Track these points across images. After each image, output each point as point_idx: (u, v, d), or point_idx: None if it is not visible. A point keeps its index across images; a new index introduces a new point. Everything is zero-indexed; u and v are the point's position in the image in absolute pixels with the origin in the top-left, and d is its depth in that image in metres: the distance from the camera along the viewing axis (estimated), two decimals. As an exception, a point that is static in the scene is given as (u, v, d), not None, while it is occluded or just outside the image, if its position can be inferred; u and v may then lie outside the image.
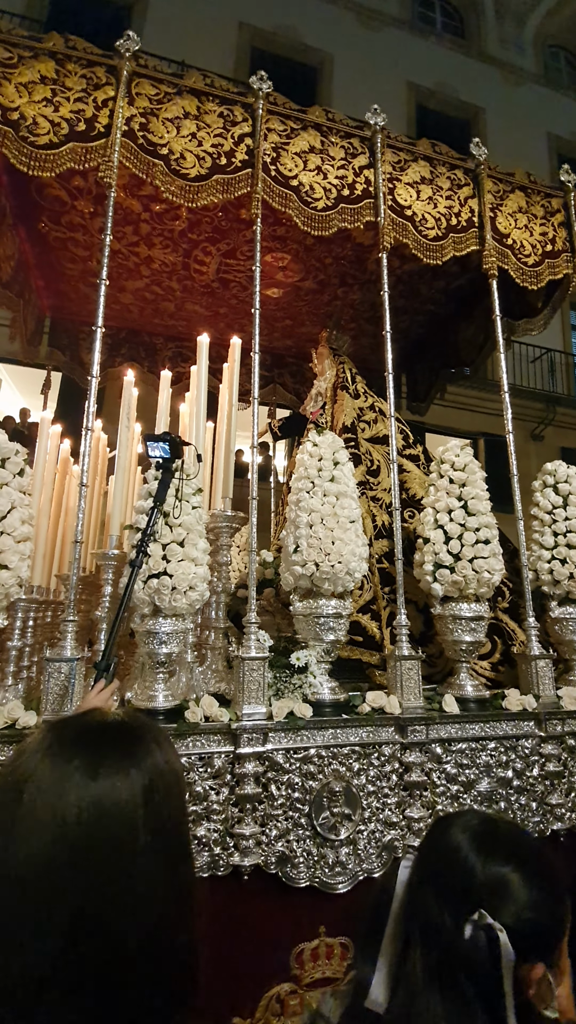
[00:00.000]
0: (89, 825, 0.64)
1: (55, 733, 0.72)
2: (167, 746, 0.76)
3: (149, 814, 0.67)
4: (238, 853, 1.94)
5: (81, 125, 2.39)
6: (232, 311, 4.04)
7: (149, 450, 2.03)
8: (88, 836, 0.64)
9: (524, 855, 0.88)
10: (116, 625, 1.81)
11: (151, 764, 0.71)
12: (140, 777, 0.68)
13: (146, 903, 0.64)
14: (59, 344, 4.21)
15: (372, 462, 3.25)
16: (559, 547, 2.81)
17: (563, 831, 2.37)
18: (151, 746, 0.73)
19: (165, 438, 2.04)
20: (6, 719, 1.88)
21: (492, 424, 9.16)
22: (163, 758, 0.73)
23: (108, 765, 0.68)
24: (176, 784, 0.74)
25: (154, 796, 0.69)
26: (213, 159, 2.56)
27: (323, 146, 2.78)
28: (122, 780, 0.67)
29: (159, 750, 0.73)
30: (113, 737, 0.73)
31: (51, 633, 3.21)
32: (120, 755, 0.70)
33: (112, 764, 0.68)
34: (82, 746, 0.70)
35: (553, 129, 13.65)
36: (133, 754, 0.71)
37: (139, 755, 0.71)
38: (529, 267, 3.13)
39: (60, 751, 0.69)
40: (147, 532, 1.95)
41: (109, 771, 0.67)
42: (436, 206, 2.97)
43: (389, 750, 2.21)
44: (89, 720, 0.76)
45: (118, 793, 0.66)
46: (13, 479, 2.03)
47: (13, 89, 2.32)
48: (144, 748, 0.72)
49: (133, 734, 0.74)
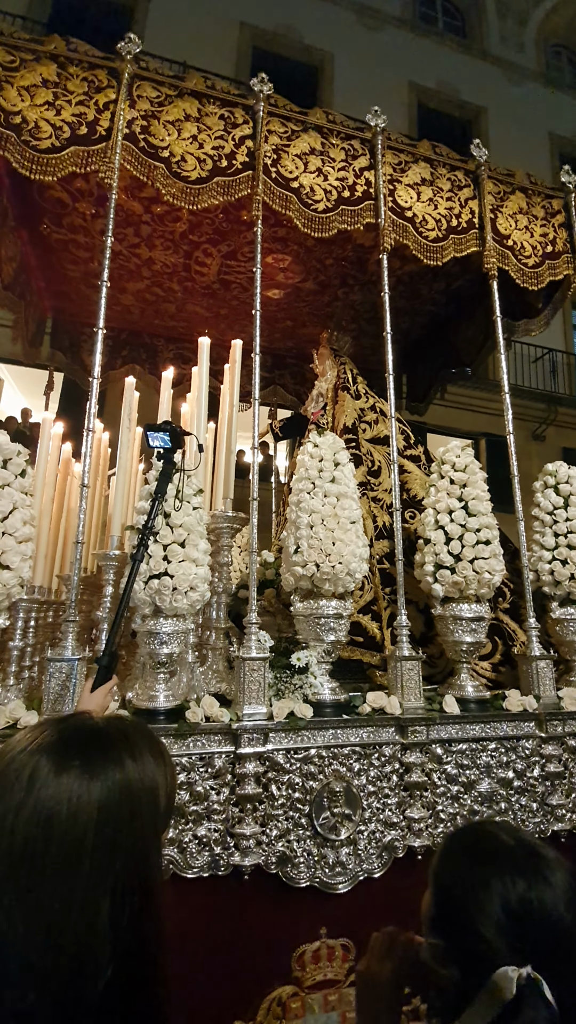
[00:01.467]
0: (28, 837, 0.59)
1: (34, 734, 0.70)
2: (144, 760, 0.70)
3: (100, 832, 0.62)
4: (238, 853, 1.94)
5: (83, 129, 2.39)
6: (233, 312, 4.05)
7: (150, 440, 2.02)
8: (25, 848, 0.59)
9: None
10: (119, 620, 1.81)
11: (118, 778, 0.66)
12: (92, 792, 0.63)
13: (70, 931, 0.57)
14: (61, 345, 4.22)
15: (373, 463, 3.25)
16: (560, 548, 2.81)
17: (564, 832, 2.37)
18: (123, 758, 0.68)
19: (166, 427, 2.03)
20: (8, 719, 1.89)
21: (493, 424, 9.16)
22: (136, 773, 0.68)
23: (72, 774, 0.64)
24: (144, 803, 0.68)
25: (113, 813, 0.63)
26: (214, 161, 2.57)
27: (324, 148, 2.79)
28: (77, 792, 0.63)
29: (132, 763, 0.68)
30: (86, 744, 0.69)
31: (52, 633, 3.22)
32: (85, 764, 0.65)
33: (76, 773, 0.64)
34: (55, 752, 0.66)
35: (555, 129, 13.63)
36: (101, 765, 0.66)
37: (107, 766, 0.66)
38: (529, 268, 3.13)
39: (32, 754, 0.65)
40: (148, 524, 1.95)
41: (71, 780, 0.63)
42: (436, 207, 2.97)
43: (389, 750, 2.21)
44: (73, 723, 0.73)
45: (68, 803, 0.62)
46: (15, 480, 2.03)
47: (15, 93, 2.33)
48: (115, 759, 0.68)
49: (108, 743, 0.70)
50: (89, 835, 0.62)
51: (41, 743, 0.67)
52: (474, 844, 0.92)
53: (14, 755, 0.66)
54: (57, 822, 0.61)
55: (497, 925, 0.79)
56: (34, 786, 0.62)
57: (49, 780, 0.63)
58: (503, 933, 0.79)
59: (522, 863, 0.85)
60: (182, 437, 2.07)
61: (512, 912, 0.80)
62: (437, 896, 0.90)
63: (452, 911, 0.85)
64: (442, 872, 0.91)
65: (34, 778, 0.63)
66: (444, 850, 0.95)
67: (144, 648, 2.09)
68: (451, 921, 0.85)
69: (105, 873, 0.61)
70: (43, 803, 0.61)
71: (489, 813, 2.30)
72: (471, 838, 0.94)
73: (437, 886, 0.91)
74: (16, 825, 0.60)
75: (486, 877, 0.84)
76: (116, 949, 0.59)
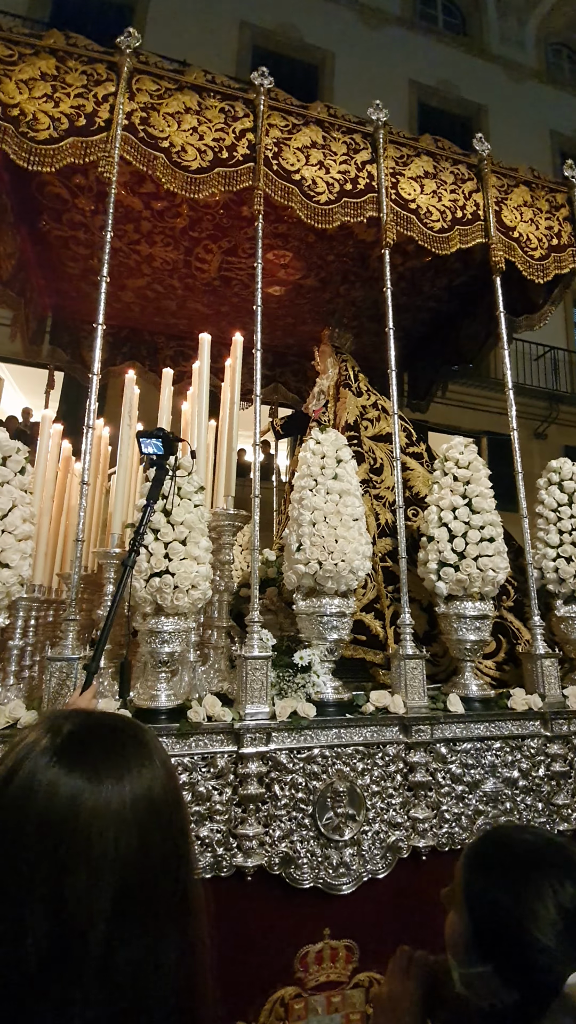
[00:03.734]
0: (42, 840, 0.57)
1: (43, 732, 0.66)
2: (163, 758, 0.68)
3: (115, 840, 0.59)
4: (241, 854, 1.92)
5: (81, 120, 2.37)
6: (234, 309, 4.02)
7: (142, 447, 2.00)
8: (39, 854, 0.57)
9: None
10: (108, 625, 1.76)
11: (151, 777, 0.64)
12: (134, 791, 0.61)
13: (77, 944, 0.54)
14: (61, 343, 4.20)
15: (375, 460, 3.23)
16: (564, 545, 2.79)
17: (569, 832, 2.35)
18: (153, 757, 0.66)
19: (158, 434, 2.01)
20: (8, 718, 1.87)
21: (495, 423, 9.13)
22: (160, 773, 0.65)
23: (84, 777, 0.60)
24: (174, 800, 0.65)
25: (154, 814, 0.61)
26: (215, 152, 2.55)
27: (325, 141, 2.77)
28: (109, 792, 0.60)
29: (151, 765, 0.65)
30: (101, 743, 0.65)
31: (53, 632, 3.20)
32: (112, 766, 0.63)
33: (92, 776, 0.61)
34: (67, 753, 0.62)
35: (555, 127, 13.59)
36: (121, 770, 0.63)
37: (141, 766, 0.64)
38: (536, 260, 3.11)
39: (44, 752, 0.62)
40: (140, 531, 1.91)
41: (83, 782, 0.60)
42: (440, 199, 2.95)
43: (393, 750, 2.19)
44: (85, 722, 0.69)
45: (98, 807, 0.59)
46: (14, 477, 2.01)
47: (13, 86, 2.31)
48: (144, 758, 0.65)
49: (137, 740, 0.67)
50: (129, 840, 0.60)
51: (57, 745, 0.64)
52: (506, 852, 0.86)
53: (27, 757, 0.63)
54: (69, 831, 0.58)
55: (555, 930, 0.76)
56: (47, 792, 0.59)
57: (63, 785, 0.60)
58: (563, 938, 0.75)
59: (560, 861, 0.82)
60: (175, 444, 2.05)
61: (568, 913, 0.77)
62: (476, 916, 0.83)
63: (499, 928, 0.80)
64: (478, 889, 0.85)
65: (48, 784, 0.60)
66: (471, 866, 0.88)
67: (145, 647, 2.07)
68: (500, 939, 0.79)
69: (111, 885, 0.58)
70: (50, 809, 0.59)
71: (494, 813, 2.28)
72: (500, 847, 0.88)
73: (474, 906, 0.84)
74: (27, 831, 0.58)
75: (535, 882, 0.80)
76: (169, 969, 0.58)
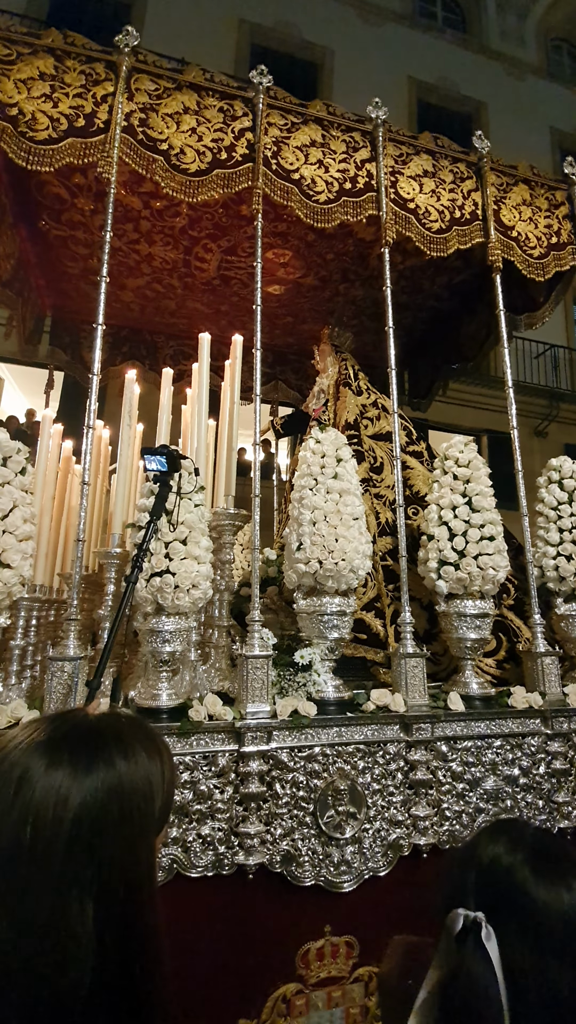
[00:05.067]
0: (12, 837, 0.60)
1: (33, 729, 0.70)
2: (137, 759, 0.70)
3: (81, 834, 0.62)
4: (243, 852, 1.93)
5: (80, 121, 2.37)
6: (233, 308, 4.02)
7: (146, 463, 2.04)
8: (10, 849, 0.60)
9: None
10: (110, 642, 1.76)
11: (106, 779, 0.66)
12: (80, 793, 0.63)
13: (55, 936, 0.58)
14: (60, 343, 4.20)
15: (375, 459, 3.23)
16: (564, 543, 2.79)
17: (570, 829, 2.35)
18: (114, 758, 0.68)
19: (162, 451, 2.04)
20: (9, 718, 1.87)
21: (496, 421, 9.12)
22: (128, 773, 0.68)
23: (60, 773, 0.64)
24: (135, 805, 0.67)
25: (98, 814, 0.63)
26: (213, 154, 2.55)
27: (324, 140, 2.76)
28: (64, 792, 0.63)
29: (124, 763, 0.68)
30: (75, 744, 0.68)
31: (54, 632, 3.20)
32: (74, 763, 0.65)
33: (64, 772, 0.64)
34: (44, 750, 0.66)
35: (556, 123, 13.56)
36: (89, 765, 0.66)
37: (96, 766, 0.66)
38: (535, 259, 3.11)
39: (21, 752, 0.66)
40: (143, 547, 1.93)
41: (59, 779, 0.63)
42: (439, 199, 2.94)
43: (394, 748, 2.20)
44: (66, 721, 0.73)
45: (54, 804, 0.62)
46: (15, 477, 2.02)
47: (12, 85, 2.31)
48: (105, 759, 0.67)
49: (100, 742, 0.69)
50: (70, 836, 0.61)
51: (33, 741, 0.67)
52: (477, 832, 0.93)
53: (7, 753, 0.66)
54: (41, 823, 0.61)
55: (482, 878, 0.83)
56: (23, 786, 0.63)
57: (38, 780, 0.63)
58: (480, 883, 0.83)
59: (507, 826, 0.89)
60: (178, 461, 2.08)
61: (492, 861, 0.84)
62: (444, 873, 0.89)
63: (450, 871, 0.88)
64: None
65: (24, 778, 0.63)
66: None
67: (146, 646, 2.08)
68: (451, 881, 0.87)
69: (89, 876, 0.61)
70: (30, 803, 0.62)
71: (495, 811, 2.28)
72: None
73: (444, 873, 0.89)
74: (3, 825, 0.61)
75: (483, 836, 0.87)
76: (102, 955, 0.59)
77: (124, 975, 0.61)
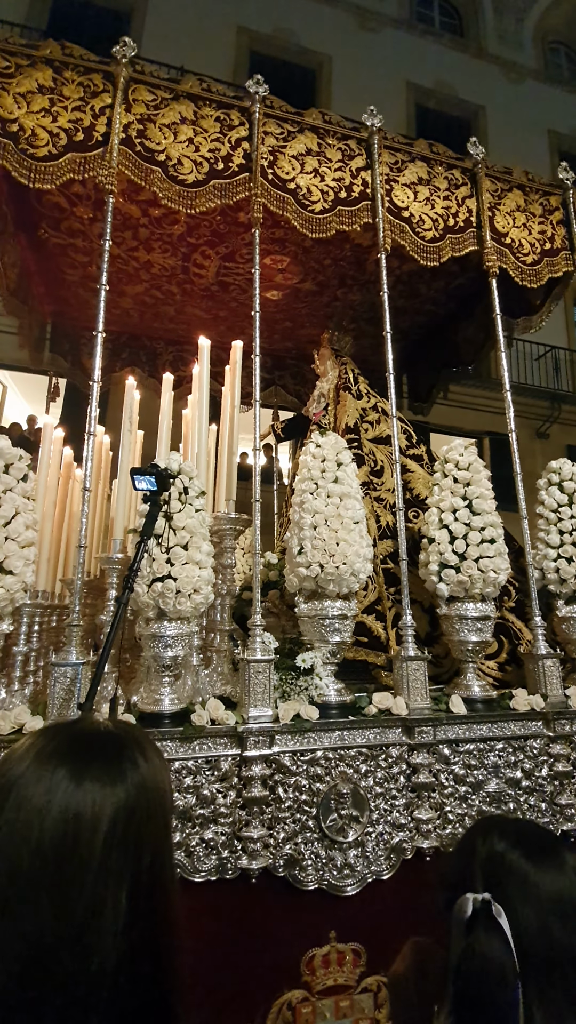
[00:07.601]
0: (56, 836, 0.63)
1: (45, 739, 0.72)
2: (152, 761, 0.73)
3: (124, 833, 0.66)
4: (246, 856, 1.93)
5: (79, 135, 2.40)
6: (232, 314, 4.05)
7: (136, 483, 2.02)
8: (54, 848, 0.63)
9: None
10: (102, 664, 1.76)
11: (135, 780, 0.69)
12: (115, 793, 0.67)
13: (91, 927, 0.61)
14: (61, 350, 4.23)
15: (375, 462, 3.24)
16: (565, 545, 2.79)
17: (573, 832, 2.35)
18: (137, 760, 0.71)
19: (151, 471, 2.04)
20: (12, 724, 1.88)
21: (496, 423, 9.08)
22: (148, 773, 0.71)
23: (92, 776, 0.67)
24: (158, 803, 0.71)
25: (134, 814, 0.67)
26: (210, 164, 2.57)
27: (320, 148, 2.79)
28: (100, 792, 0.66)
29: (145, 764, 0.72)
30: (101, 747, 0.72)
31: (56, 638, 3.21)
32: (104, 767, 0.69)
33: (96, 775, 0.67)
34: (70, 754, 0.69)
35: (554, 126, 13.59)
36: (119, 768, 0.69)
37: (124, 769, 0.69)
38: (528, 266, 3.12)
39: (47, 757, 0.68)
40: (134, 568, 1.93)
41: (92, 782, 0.66)
42: (433, 207, 2.96)
43: (396, 751, 2.20)
44: (79, 728, 0.76)
45: (92, 807, 0.65)
46: (17, 484, 2.04)
47: (11, 100, 2.33)
48: (130, 760, 0.71)
49: (120, 745, 0.73)
50: (108, 833, 0.65)
51: (54, 749, 0.70)
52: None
53: (25, 763, 0.68)
54: (83, 825, 0.64)
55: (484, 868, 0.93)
56: (56, 792, 0.65)
57: (70, 785, 0.66)
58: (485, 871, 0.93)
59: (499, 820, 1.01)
60: (168, 480, 2.08)
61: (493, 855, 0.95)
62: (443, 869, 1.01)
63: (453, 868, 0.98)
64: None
65: (55, 784, 0.66)
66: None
67: (148, 651, 2.09)
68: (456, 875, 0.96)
69: (124, 872, 0.65)
70: (67, 808, 0.65)
71: (498, 814, 2.28)
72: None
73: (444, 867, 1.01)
74: (44, 827, 0.63)
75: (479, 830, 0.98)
76: (129, 949, 0.63)
77: (151, 962, 0.66)
